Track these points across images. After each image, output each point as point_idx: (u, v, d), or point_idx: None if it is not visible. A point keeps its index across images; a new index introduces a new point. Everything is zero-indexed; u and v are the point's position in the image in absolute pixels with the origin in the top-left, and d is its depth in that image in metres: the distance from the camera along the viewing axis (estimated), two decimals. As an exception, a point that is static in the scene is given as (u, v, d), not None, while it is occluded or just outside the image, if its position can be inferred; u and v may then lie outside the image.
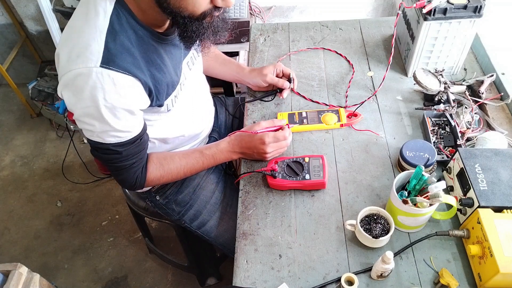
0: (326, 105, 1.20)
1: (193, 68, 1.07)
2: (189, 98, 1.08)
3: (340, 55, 1.35)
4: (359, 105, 1.16)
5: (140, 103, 0.88)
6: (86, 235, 1.94)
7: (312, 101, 1.22)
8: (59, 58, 0.81)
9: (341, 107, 1.19)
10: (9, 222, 2.02)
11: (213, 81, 2.10)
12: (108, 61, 0.78)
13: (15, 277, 1.22)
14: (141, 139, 0.93)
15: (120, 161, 0.92)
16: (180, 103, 1.02)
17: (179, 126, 1.08)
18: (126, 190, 1.32)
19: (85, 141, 2.28)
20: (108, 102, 0.81)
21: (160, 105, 0.95)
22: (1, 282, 1.23)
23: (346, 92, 1.23)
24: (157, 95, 0.91)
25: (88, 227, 1.97)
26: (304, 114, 1.16)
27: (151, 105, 0.92)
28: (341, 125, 1.14)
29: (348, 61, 1.33)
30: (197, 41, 0.87)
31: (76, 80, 0.78)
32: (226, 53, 1.96)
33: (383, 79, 1.20)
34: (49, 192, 2.13)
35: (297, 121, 1.15)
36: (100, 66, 0.77)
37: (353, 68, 1.30)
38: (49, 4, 1.97)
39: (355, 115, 1.14)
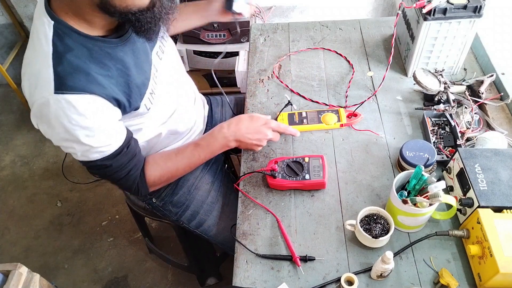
0: (326, 105, 1.20)
1: (163, 56, 1.03)
2: (167, 87, 1.03)
3: (340, 55, 1.35)
4: (359, 105, 1.16)
5: (110, 117, 0.86)
6: (86, 235, 1.94)
7: (312, 101, 1.22)
8: (24, 91, 0.82)
9: (341, 107, 1.19)
10: (9, 222, 2.02)
11: (212, 81, 2.11)
12: (61, 86, 0.77)
13: (15, 277, 1.22)
14: (127, 147, 0.91)
15: (114, 172, 0.91)
16: (159, 96, 0.99)
17: (166, 120, 1.04)
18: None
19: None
20: (75, 125, 0.80)
21: (137, 108, 0.92)
22: (1, 282, 1.23)
23: (346, 92, 1.23)
24: (129, 101, 0.89)
25: (88, 227, 1.97)
26: (304, 114, 1.16)
27: (126, 112, 0.90)
28: (341, 125, 1.14)
29: (348, 61, 1.33)
30: (156, 29, 0.85)
31: (41, 111, 0.79)
32: (226, 53, 1.98)
33: (383, 79, 1.20)
34: (49, 192, 2.13)
35: (297, 121, 1.15)
36: (55, 93, 0.77)
37: (353, 68, 1.31)
38: (49, 4, 1.97)
39: (355, 115, 1.14)
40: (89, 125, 0.82)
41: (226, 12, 1.20)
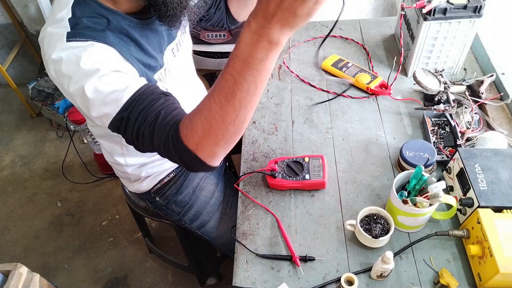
0: (373, 72, 1.27)
1: (177, 54, 1.01)
2: (175, 86, 1.00)
3: (347, 38, 1.38)
4: (393, 81, 1.21)
5: (122, 65, 0.79)
6: (86, 235, 1.94)
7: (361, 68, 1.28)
8: (43, 56, 0.82)
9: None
10: (9, 222, 2.02)
11: (213, 81, 2.11)
12: (74, 34, 0.76)
13: (15, 277, 1.22)
14: (144, 93, 0.77)
15: (138, 127, 0.76)
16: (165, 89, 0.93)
17: None
18: (127, 189, 1.31)
19: (85, 141, 2.28)
20: (85, 69, 0.74)
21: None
22: (1, 282, 1.23)
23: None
24: (145, 73, 0.86)
25: (88, 227, 1.97)
26: (349, 65, 1.27)
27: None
28: (367, 88, 1.20)
29: (362, 46, 1.35)
30: (181, 17, 0.84)
31: (54, 63, 0.77)
32: (226, 53, 1.97)
33: (395, 78, 1.23)
34: (49, 192, 2.13)
35: (339, 66, 1.27)
36: (67, 41, 0.76)
37: (367, 51, 1.36)
38: (49, 4, 1.97)
39: (386, 87, 1.20)
40: (100, 66, 0.75)
41: None
